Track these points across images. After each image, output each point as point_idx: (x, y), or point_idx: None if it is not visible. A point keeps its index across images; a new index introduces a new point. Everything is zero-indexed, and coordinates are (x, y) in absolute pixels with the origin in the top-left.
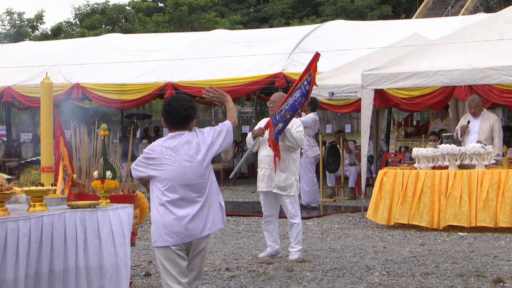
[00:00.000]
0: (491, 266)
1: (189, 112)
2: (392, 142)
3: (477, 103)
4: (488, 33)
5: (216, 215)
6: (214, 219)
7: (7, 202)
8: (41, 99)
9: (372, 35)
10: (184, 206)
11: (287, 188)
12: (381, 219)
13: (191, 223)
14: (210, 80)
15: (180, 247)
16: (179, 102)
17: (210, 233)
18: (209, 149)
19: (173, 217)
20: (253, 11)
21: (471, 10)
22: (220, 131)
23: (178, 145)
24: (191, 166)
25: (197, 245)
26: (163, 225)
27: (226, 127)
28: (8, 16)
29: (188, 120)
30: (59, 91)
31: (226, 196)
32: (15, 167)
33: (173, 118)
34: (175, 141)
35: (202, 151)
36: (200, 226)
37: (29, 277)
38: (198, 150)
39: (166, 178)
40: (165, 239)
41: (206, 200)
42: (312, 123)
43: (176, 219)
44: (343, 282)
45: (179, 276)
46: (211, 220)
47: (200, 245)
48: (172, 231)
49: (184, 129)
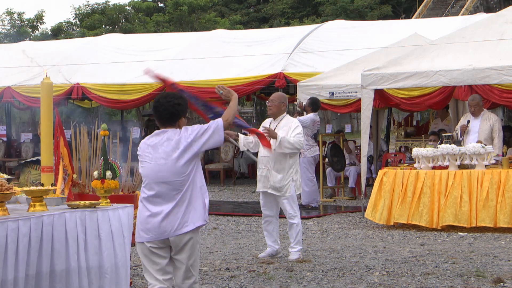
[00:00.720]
0: (491, 266)
1: (175, 109)
2: (392, 142)
3: (477, 102)
4: (488, 33)
5: (196, 214)
6: (193, 217)
7: (7, 202)
8: (41, 99)
9: (372, 35)
10: (159, 203)
11: (283, 189)
12: (380, 219)
13: (164, 221)
14: (210, 80)
15: (157, 244)
16: (167, 99)
17: (187, 231)
18: (189, 146)
19: (147, 214)
20: (253, 11)
21: (471, 10)
22: (207, 128)
23: (159, 142)
24: (166, 163)
25: (176, 242)
26: (140, 221)
27: (215, 124)
28: (8, 16)
29: (175, 117)
30: (59, 91)
31: (226, 196)
32: (15, 167)
33: (161, 115)
34: (157, 139)
35: (180, 149)
36: (175, 223)
37: (29, 277)
38: (177, 148)
39: (145, 175)
40: (141, 235)
41: (184, 198)
42: (311, 123)
43: (150, 216)
44: (343, 282)
45: (156, 273)
46: (190, 218)
47: (179, 243)
48: (147, 228)
49: (173, 126)
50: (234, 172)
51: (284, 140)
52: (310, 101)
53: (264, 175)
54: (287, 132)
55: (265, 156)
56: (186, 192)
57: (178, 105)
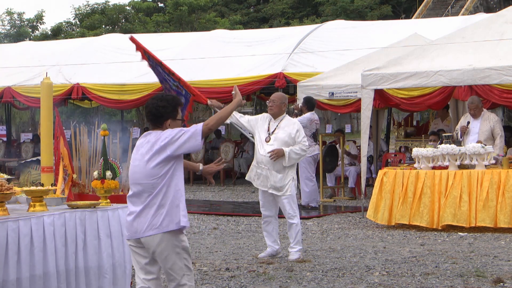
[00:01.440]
0: (491, 266)
1: (159, 111)
2: (392, 142)
3: (476, 104)
4: (488, 33)
5: (168, 218)
6: (164, 221)
7: (7, 202)
8: (41, 99)
9: (372, 35)
10: (134, 203)
11: (283, 188)
12: (381, 220)
13: (135, 221)
14: (210, 80)
15: (134, 243)
16: (153, 100)
17: (155, 233)
18: (162, 149)
19: (127, 213)
20: (253, 11)
21: (471, 10)
22: (186, 132)
23: (141, 144)
24: (139, 165)
25: (146, 243)
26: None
27: (193, 129)
28: (8, 16)
29: (159, 118)
30: (59, 91)
31: (226, 196)
32: (15, 167)
33: (147, 116)
34: (141, 140)
35: (152, 151)
36: (144, 225)
37: (36, 277)
38: (150, 150)
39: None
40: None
41: (155, 201)
42: (308, 122)
43: (128, 215)
44: (343, 282)
45: (138, 272)
46: (160, 221)
47: (149, 245)
48: (126, 226)
49: (159, 127)
50: (234, 172)
51: (291, 153)
52: (304, 101)
53: (264, 175)
54: (289, 135)
55: (266, 156)
56: (157, 195)
57: (163, 107)
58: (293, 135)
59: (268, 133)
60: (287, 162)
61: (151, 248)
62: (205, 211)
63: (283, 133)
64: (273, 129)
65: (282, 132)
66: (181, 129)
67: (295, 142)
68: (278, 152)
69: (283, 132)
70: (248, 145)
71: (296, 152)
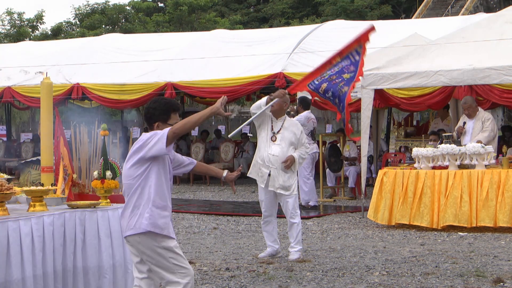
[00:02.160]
0: (491, 266)
1: (149, 112)
2: (392, 142)
3: (469, 104)
4: (488, 33)
5: (142, 219)
6: (138, 222)
7: (7, 202)
8: (41, 99)
9: (372, 35)
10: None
11: (291, 187)
12: (382, 220)
13: (121, 220)
14: (210, 80)
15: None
16: (150, 102)
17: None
18: (137, 150)
19: None
20: (253, 11)
21: (471, 10)
22: (156, 135)
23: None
24: (123, 166)
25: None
26: None
27: (162, 132)
28: (8, 16)
29: (149, 120)
30: (59, 91)
31: (226, 196)
32: (15, 167)
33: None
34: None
35: (131, 152)
36: (124, 224)
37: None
38: (131, 151)
39: None
40: None
41: (131, 201)
42: (305, 120)
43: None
44: (343, 282)
45: (133, 269)
46: (135, 222)
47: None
48: None
49: (151, 129)
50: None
51: (299, 158)
52: (299, 101)
53: (272, 174)
54: (295, 135)
55: (274, 155)
56: (132, 196)
57: (153, 109)
58: (298, 135)
59: (273, 132)
60: (297, 168)
61: (133, 247)
62: (205, 211)
63: (289, 133)
64: (277, 129)
65: (288, 132)
66: (155, 132)
67: (299, 142)
68: (291, 160)
69: (289, 133)
70: (248, 145)
71: (303, 157)
